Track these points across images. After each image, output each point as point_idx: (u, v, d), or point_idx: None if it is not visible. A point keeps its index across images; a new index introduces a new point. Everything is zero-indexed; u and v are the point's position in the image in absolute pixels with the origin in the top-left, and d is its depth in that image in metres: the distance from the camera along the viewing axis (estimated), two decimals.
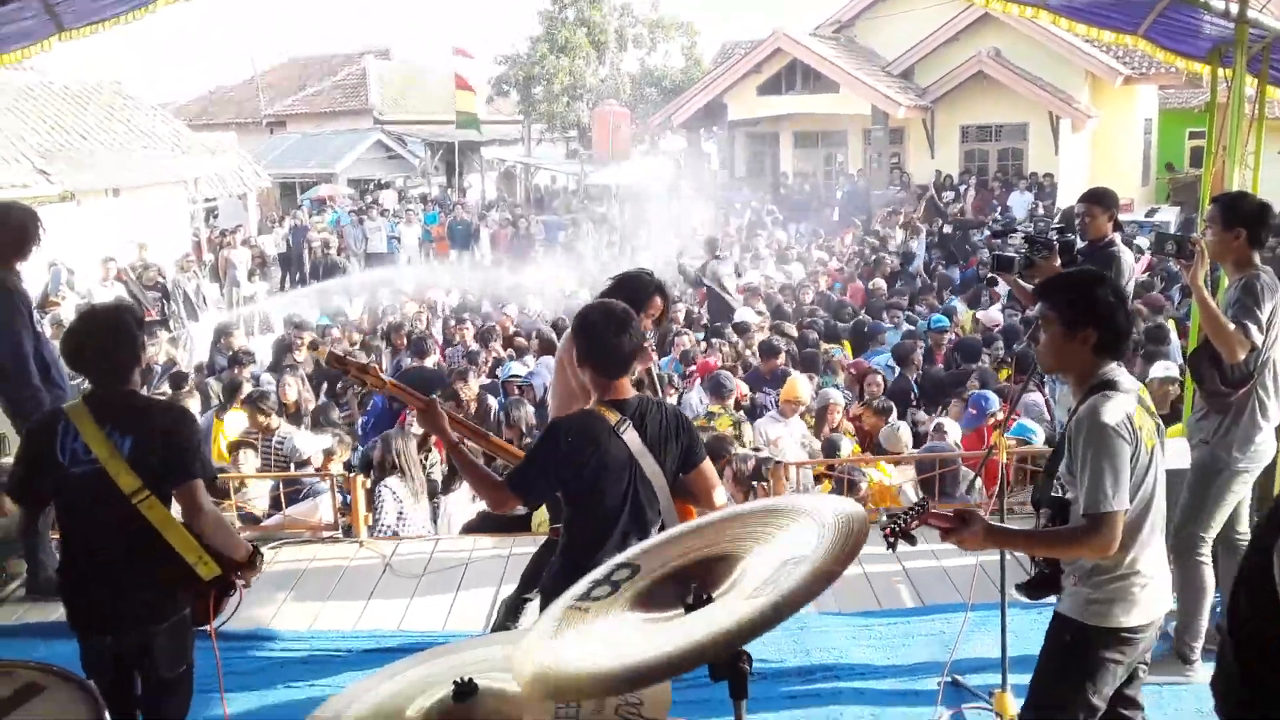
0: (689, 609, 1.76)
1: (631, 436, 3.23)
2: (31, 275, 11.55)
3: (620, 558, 2.09)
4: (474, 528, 6.58)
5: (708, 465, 3.45)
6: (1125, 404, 2.82)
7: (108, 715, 2.01)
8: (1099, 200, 5.44)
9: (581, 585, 2.01)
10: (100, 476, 3.21)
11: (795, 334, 10.22)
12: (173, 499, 3.37)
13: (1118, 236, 5.47)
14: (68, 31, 5.54)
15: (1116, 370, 2.92)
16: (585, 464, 3.21)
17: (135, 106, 21.33)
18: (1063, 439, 2.99)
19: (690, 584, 1.80)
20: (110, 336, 3.36)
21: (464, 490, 6.75)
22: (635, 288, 4.23)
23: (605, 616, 1.86)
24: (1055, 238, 5.59)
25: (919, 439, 7.42)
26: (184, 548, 3.28)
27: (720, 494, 3.47)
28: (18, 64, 5.82)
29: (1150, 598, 2.90)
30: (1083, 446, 2.80)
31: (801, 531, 1.82)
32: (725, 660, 1.77)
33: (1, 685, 1.98)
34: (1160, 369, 7.08)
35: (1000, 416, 6.76)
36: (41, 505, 3.58)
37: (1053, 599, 3.09)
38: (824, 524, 1.79)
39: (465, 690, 1.70)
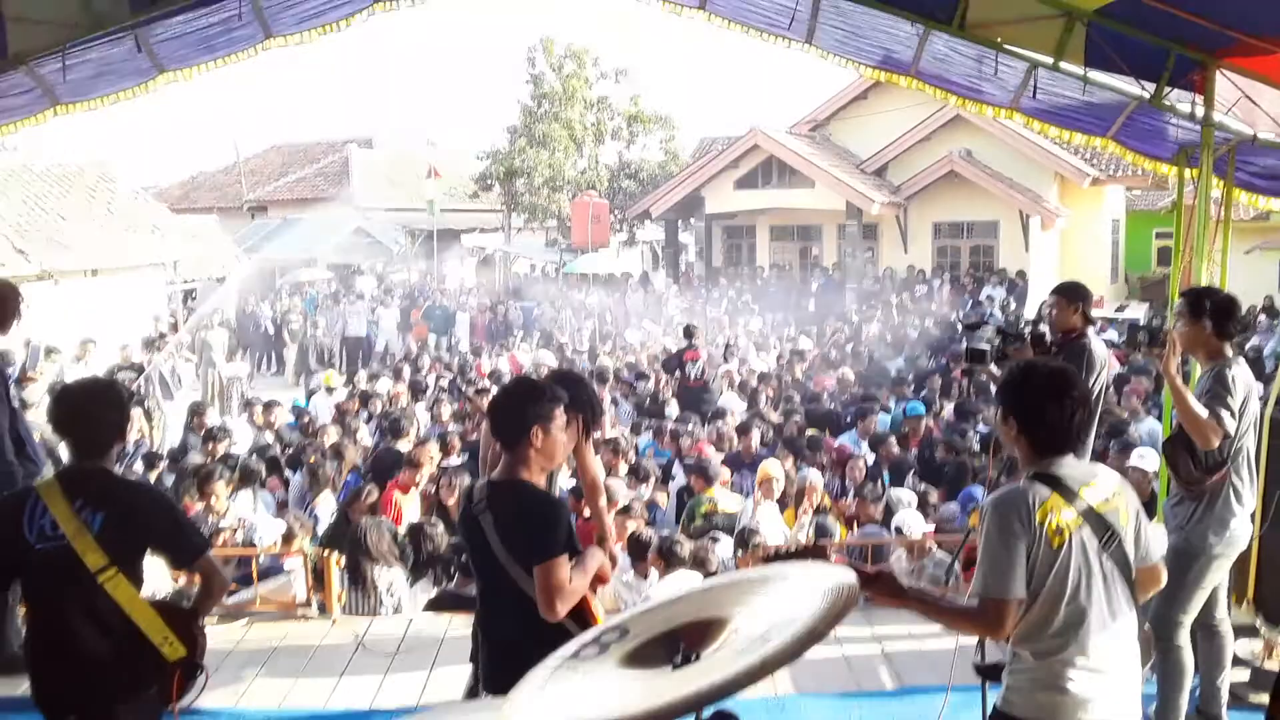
0: (676, 667, 1.77)
1: (485, 518, 3.31)
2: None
3: (611, 621, 2.11)
4: (440, 605, 6.52)
5: (546, 566, 3.21)
6: (1031, 496, 2.81)
7: None
8: (1065, 294, 5.55)
9: (571, 646, 2.03)
10: (67, 553, 3.20)
11: (775, 420, 10.28)
12: (142, 578, 3.34)
13: (1090, 330, 5.56)
14: (62, 105, 5.63)
15: (1062, 464, 2.90)
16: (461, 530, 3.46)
17: (117, 189, 21.50)
18: None
19: (679, 644, 1.82)
20: (100, 404, 3.40)
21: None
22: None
23: (593, 675, 1.87)
24: (1027, 330, 5.71)
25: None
26: (150, 628, 3.27)
27: (556, 602, 3.21)
28: (1, 145, 5.89)
29: (1079, 698, 2.79)
30: (980, 532, 2.87)
31: (791, 595, 1.85)
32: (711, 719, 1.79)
33: None
34: (1135, 458, 7.16)
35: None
36: (6, 582, 3.48)
37: None
38: (813, 588, 1.83)
39: None
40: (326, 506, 7.88)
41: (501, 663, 3.28)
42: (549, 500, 3.47)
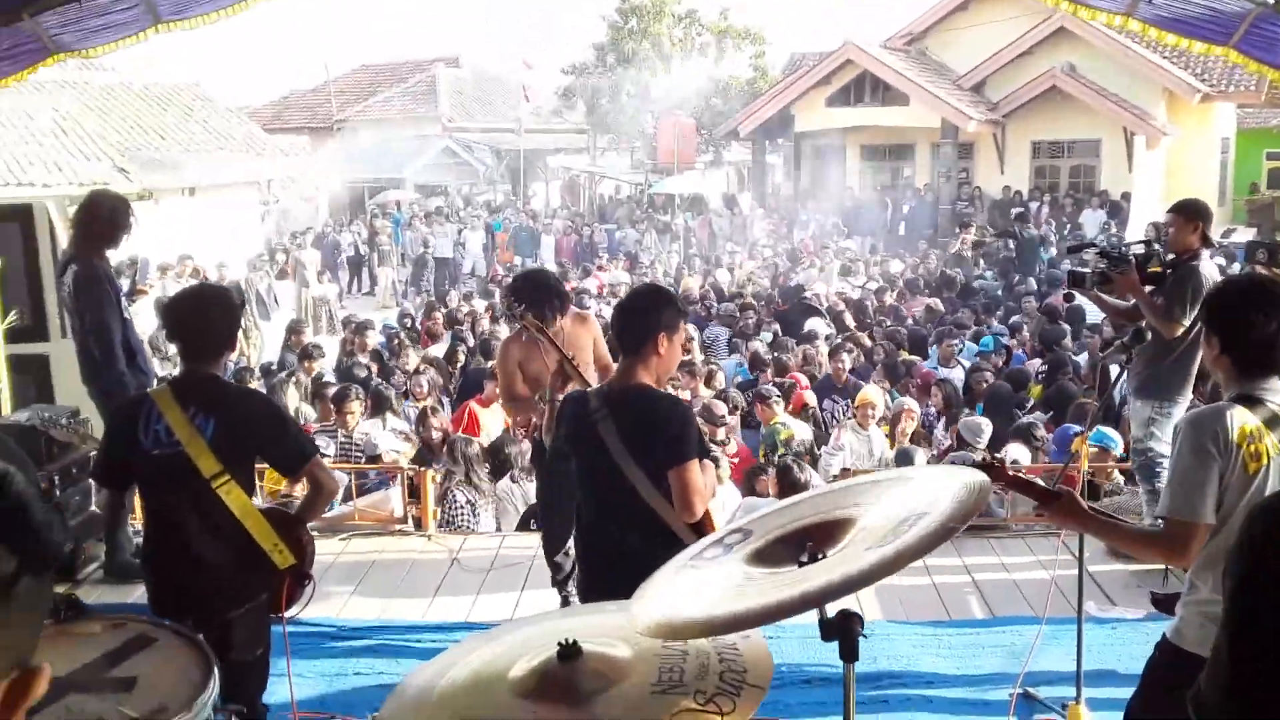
0: (803, 565, 1.75)
1: (606, 425, 3.26)
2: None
3: (733, 524, 2.10)
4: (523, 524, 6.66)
5: (686, 469, 3.23)
6: (1229, 416, 2.65)
7: (217, 669, 2.05)
8: (1184, 211, 5.32)
9: (693, 549, 2.03)
10: (182, 459, 3.25)
11: (867, 344, 10.15)
12: (255, 485, 3.44)
13: (1205, 252, 5.32)
14: (164, 23, 5.67)
15: (1268, 385, 2.73)
16: (570, 441, 3.43)
17: (212, 108, 21.86)
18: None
19: (805, 544, 1.80)
20: (212, 310, 3.46)
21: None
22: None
23: (720, 572, 1.87)
24: (1131, 250, 5.48)
25: None
26: (260, 535, 3.32)
27: (695, 502, 3.23)
28: (99, 64, 5.98)
29: None
30: (1173, 451, 2.74)
31: (918, 494, 1.81)
32: (837, 620, 1.76)
33: (113, 636, 2.03)
34: None
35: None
36: (125, 488, 3.64)
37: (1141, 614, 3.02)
38: (943, 486, 1.78)
39: (569, 651, 1.70)
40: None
41: (613, 572, 3.25)
42: (681, 404, 3.52)
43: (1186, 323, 5.11)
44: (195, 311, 3.45)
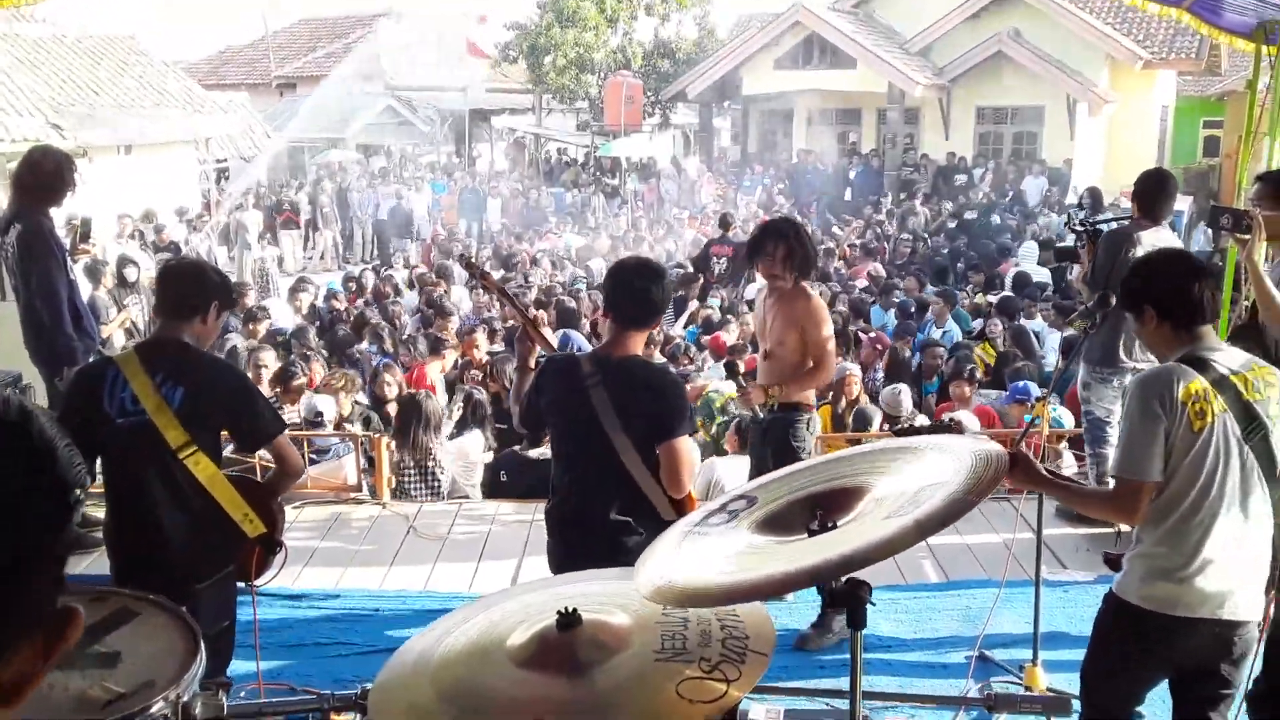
0: (813, 534, 1.74)
1: (599, 393, 3.22)
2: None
3: (737, 490, 2.09)
4: (492, 477, 6.62)
5: (679, 444, 3.26)
6: (1176, 377, 2.74)
7: (203, 642, 2.00)
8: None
9: (697, 514, 2.01)
10: (148, 429, 3.16)
11: None
12: (222, 453, 3.36)
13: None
14: None
15: (1211, 347, 2.83)
16: (553, 405, 3.38)
17: (148, 63, 21.18)
18: None
19: (815, 512, 1.79)
20: (210, 274, 3.45)
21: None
22: None
23: (727, 539, 1.85)
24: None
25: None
26: (230, 505, 3.25)
27: (685, 477, 3.27)
28: (30, 15, 5.74)
29: (1198, 591, 2.74)
30: (1123, 412, 2.87)
31: (934, 464, 1.81)
32: (845, 589, 1.76)
33: (95, 609, 1.97)
34: None
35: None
36: (88, 457, 3.53)
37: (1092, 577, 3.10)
38: (959, 456, 1.78)
39: (569, 620, 1.68)
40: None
41: (589, 543, 3.26)
42: (678, 378, 3.52)
43: None
44: (179, 278, 3.42)
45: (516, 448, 6.70)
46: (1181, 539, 2.74)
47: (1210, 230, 12.20)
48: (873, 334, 9.55)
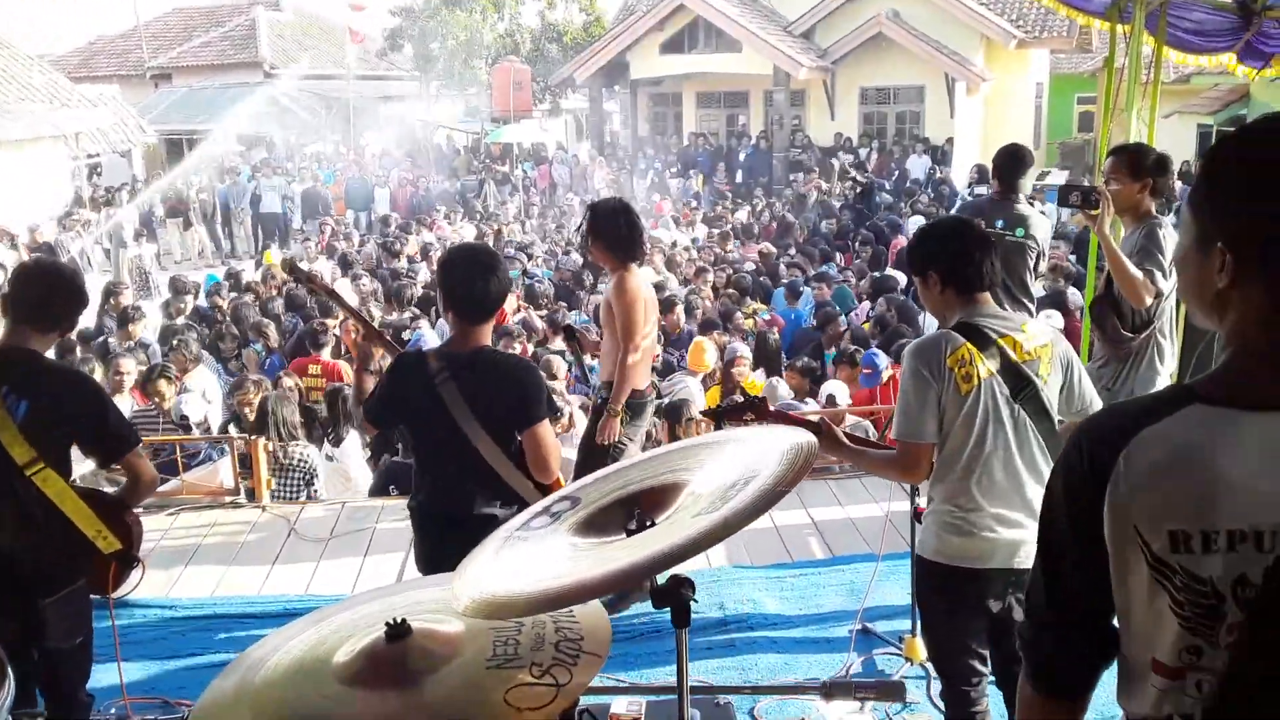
0: (630, 534, 1.72)
1: (449, 388, 3.17)
2: None
3: (562, 491, 2.05)
4: (379, 490, 6.47)
5: (540, 429, 3.28)
6: (944, 344, 2.88)
7: (11, 674, 1.88)
8: None
9: (522, 517, 1.97)
10: None
11: (706, 294, 10.25)
12: (71, 466, 3.20)
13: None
14: None
15: (985, 312, 2.95)
16: (405, 404, 3.27)
17: (11, 55, 20.25)
18: None
19: (633, 511, 1.76)
20: (64, 284, 3.23)
21: (354, 440, 6.66)
22: None
23: (545, 544, 1.82)
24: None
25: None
26: (82, 521, 3.11)
27: (552, 462, 3.30)
28: None
29: (987, 542, 2.88)
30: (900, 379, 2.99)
31: (748, 457, 1.80)
32: (668, 587, 1.74)
33: None
34: (1042, 319, 7.30)
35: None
36: None
37: None
38: (771, 449, 1.77)
39: (398, 631, 1.63)
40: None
41: (454, 541, 3.21)
42: (529, 364, 3.48)
43: None
44: (41, 282, 3.21)
45: (397, 457, 6.59)
46: (962, 495, 2.91)
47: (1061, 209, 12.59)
48: (766, 315, 9.67)
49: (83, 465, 4.23)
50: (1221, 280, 1.34)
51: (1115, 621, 1.44)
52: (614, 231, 4.61)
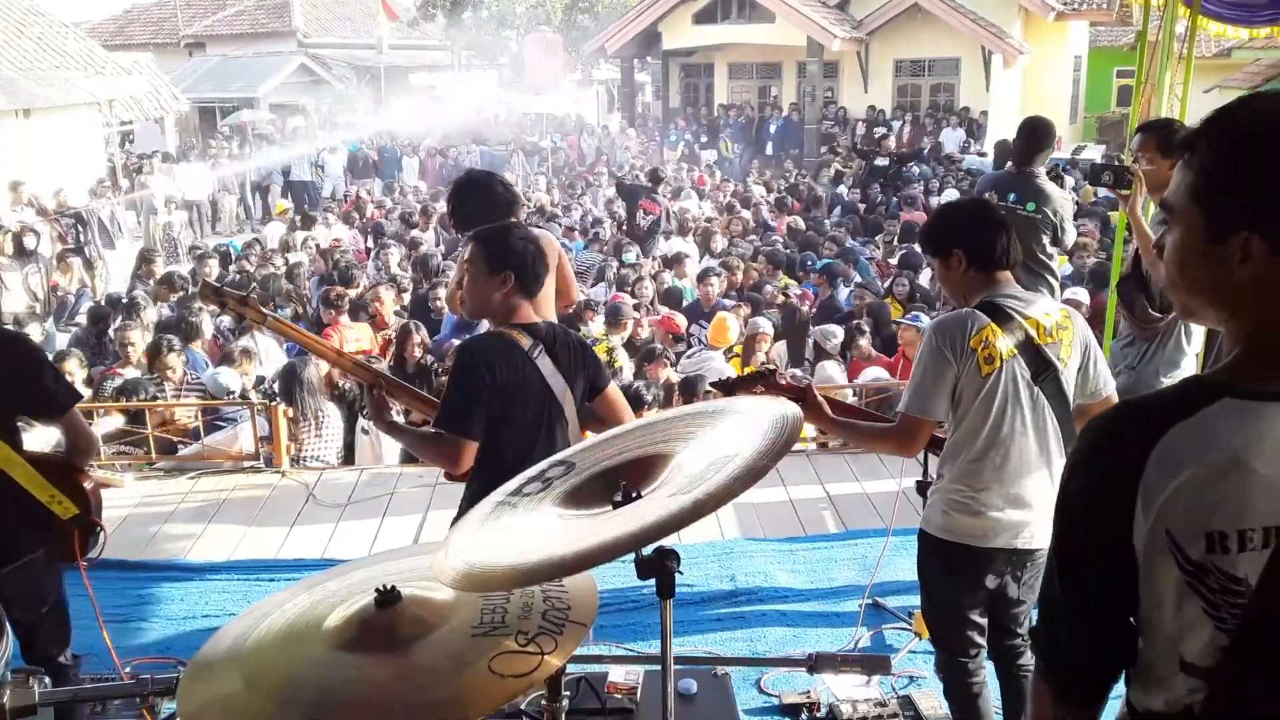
0: (616, 506, 1.72)
1: (544, 362, 3.15)
2: None
3: (557, 456, 2.04)
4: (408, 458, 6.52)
5: (613, 390, 3.40)
6: (969, 322, 2.85)
7: (10, 629, 1.88)
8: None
9: (515, 481, 1.97)
10: None
11: (735, 265, 10.21)
12: (16, 433, 3.13)
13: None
14: None
15: (1009, 292, 2.93)
16: (501, 388, 3.09)
17: (47, 24, 20.36)
18: None
19: (620, 482, 1.76)
20: None
21: None
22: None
23: (531, 514, 1.82)
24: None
25: None
26: (34, 487, 3.04)
27: (629, 415, 3.42)
28: None
29: (994, 521, 2.88)
30: (918, 354, 2.97)
31: (735, 430, 1.79)
32: (652, 558, 1.74)
33: None
34: (1068, 295, 7.30)
35: None
36: None
37: None
38: (757, 423, 1.76)
39: (388, 598, 1.65)
40: (273, 358, 7.74)
41: None
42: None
43: None
44: None
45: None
46: (975, 475, 2.89)
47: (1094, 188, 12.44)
48: (798, 291, 9.63)
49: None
50: (1247, 269, 1.26)
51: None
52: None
